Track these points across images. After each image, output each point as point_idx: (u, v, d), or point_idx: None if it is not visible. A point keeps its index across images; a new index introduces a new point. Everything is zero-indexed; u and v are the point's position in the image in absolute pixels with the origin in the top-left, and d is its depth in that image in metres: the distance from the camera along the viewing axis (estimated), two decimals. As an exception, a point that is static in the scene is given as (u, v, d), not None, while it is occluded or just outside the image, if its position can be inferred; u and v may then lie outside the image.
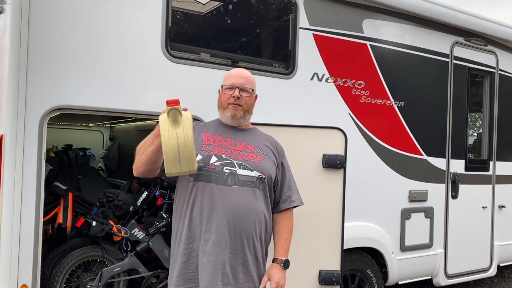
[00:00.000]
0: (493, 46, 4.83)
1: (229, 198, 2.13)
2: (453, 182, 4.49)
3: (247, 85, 2.33)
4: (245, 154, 2.25)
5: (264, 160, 2.29)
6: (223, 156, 2.20)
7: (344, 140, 3.32)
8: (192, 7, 3.28)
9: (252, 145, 2.32)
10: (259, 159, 2.27)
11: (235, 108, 2.29)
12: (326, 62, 3.68)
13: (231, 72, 2.39)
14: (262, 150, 2.33)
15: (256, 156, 2.27)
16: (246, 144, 2.31)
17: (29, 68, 2.64)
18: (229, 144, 2.27)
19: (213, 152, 2.21)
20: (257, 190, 2.21)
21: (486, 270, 4.83)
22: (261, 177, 2.23)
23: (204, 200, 2.15)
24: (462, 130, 4.60)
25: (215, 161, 2.17)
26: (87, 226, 3.54)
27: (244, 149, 2.27)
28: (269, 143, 2.42)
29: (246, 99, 2.31)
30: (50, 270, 3.42)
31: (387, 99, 4.03)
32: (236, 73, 2.35)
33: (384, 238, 3.98)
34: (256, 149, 2.31)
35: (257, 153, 2.30)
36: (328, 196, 3.28)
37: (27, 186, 2.63)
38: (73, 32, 2.77)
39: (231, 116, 2.30)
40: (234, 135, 2.34)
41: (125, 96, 2.92)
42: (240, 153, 2.25)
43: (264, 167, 2.26)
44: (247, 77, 2.36)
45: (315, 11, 3.62)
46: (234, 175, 2.16)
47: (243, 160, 2.22)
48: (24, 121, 2.62)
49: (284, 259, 2.29)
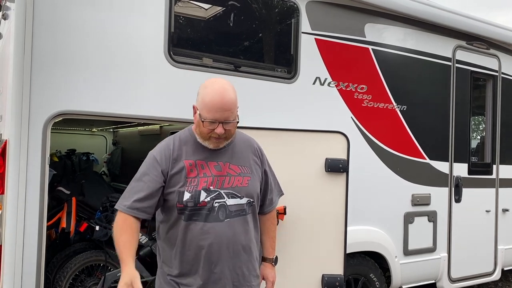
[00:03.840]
0: (495, 50, 4.82)
1: (224, 235, 2.04)
2: (456, 185, 4.48)
3: (231, 116, 2.03)
4: (231, 179, 2.11)
5: (251, 180, 2.17)
6: (211, 188, 2.05)
7: (347, 144, 3.32)
8: (194, 12, 3.30)
9: (236, 165, 2.15)
10: (246, 181, 2.14)
11: (218, 141, 2.08)
12: (328, 66, 3.68)
13: (213, 102, 1.99)
14: (247, 168, 2.19)
15: (242, 179, 2.13)
16: (230, 165, 2.14)
17: (33, 74, 2.66)
18: (214, 169, 2.09)
19: (200, 186, 2.03)
20: (248, 216, 2.15)
21: (490, 274, 4.81)
22: (250, 201, 2.15)
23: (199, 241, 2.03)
24: (465, 133, 4.59)
25: (204, 197, 2.03)
26: (90, 230, 3.55)
27: (229, 172, 2.12)
28: (252, 152, 2.25)
29: (230, 130, 2.07)
30: (54, 274, 3.43)
31: (390, 103, 4.03)
32: (219, 105, 1.98)
33: (387, 242, 3.97)
34: (241, 169, 2.15)
35: (243, 174, 2.15)
36: (331, 200, 3.28)
37: (31, 190, 2.64)
38: (76, 38, 2.79)
39: (213, 147, 2.10)
40: (216, 155, 2.13)
41: (128, 101, 2.93)
42: (226, 179, 2.10)
43: (251, 190, 2.16)
44: (231, 107, 2.01)
45: (317, 16, 3.63)
46: (224, 207, 2.05)
47: (231, 187, 2.09)
48: (28, 126, 2.64)
49: (274, 257, 2.41)
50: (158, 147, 2.13)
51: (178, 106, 3.08)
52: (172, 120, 3.15)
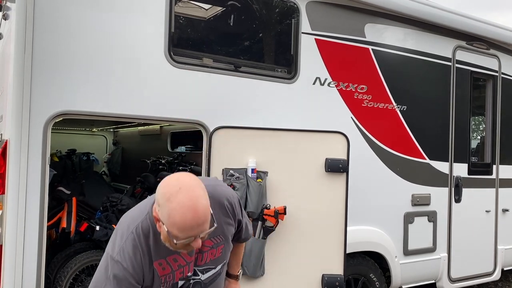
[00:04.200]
0: (495, 50, 4.83)
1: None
2: (456, 186, 4.48)
3: (207, 225, 1.62)
4: (204, 256, 1.95)
5: (224, 248, 2.02)
6: (189, 274, 1.91)
7: (347, 144, 3.33)
8: (194, 13, 3.31)
9: (209, 239, 1.90)
10: (219, 252, 2.00)
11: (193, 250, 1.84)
12: (328, 66, 3.69)
13: (185, 221, 1.55)
14: (220, 237, 1.99)
15: (215, 251, 1.98)
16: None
17: (34, 74, 2.66)
18: (187, 257, 1.88)
19: (177, 278, 1.88)
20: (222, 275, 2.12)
21: (490, 274, 4.81)
22: (224, 264, 2.07)
23: None
24: (465, 133, 4.59)
25: (182, 284, 1.90)
26: (90, 230, 3.55)
27: (202, 249, 1.91)
28: (224, 214, 1.98)
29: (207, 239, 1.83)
30: (54, 274, 3.43)
31: (390, 103, 4.03)
32: (193, 224, 1.56)
33: (387, 242, 3.97)
34: (214, 240, 1.95)
35: (216, 245, 1.97)
36: (331, 200, 3.29)
37: (31, 190, 2.65)
38: (77, 38, 2.79)
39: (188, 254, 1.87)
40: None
41: (128, 101, 2.94)
42: (199, 257, 1.93)
43: (225, 257, 2.05)
44: (207, 217, 1.60)
45: (317, 16, 3.63)
46: (200, 283, 1.97)
47: (204, 264, 1.96)
48: (29, 126, 2.64)
49: (239, 273, 2.36)
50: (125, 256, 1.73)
51: (178, 106, 3.08)
52: (172, 120, 3.15)
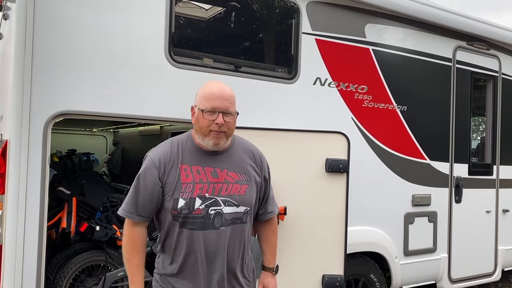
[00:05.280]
0: (495, 50, 4.83)
1: (219, 243, 2.02)
2: (456, 186, 4.48)
3: (231, 107, 2.01)
4: (229, 187, 2.06)
5: (249, 188, 2.12)
6: (207, 195, 2.01)
7: (347, 145, 3.33)
8: (195, 13, 3.31)
9: (234, 171, 2.09)
10: (243, 190, 2.09)
11: (218, 136, 2.00)
12: (329, 66, 3.69)
13: (212, 91, 2.00)
14: (245, 175, 2.12)
15: (240, 187, 2.08)
16: (228, 172, 2.08)
17: (34, 74, 2.66)
18: (210, 176, 2.04)
19: (195, 193, 1.99)
20: (244, 225, 2.11)
21: (490, 274, 4.81)
22: (247, 210, 2.10)
23: (192, 249, 2.02)
24: (465, 134, 4.59)
25: (199, 204, 1.98)
26: (90, 230, 3.55)
27: (227, 179, 2.06)
28: (251, 159, 2.18)
29: (230, 123, 2.02)
30: (54, 274, 3.43)
31: (390, 104, 4.03)
32: (219, 94, 1.99)
33: (387, 242, 3.97)
34: (239, 176, 2.10)
35: (241, 182, 2.09)
36: (331, 200, 3.28)
37: (32, 190, 2.65)
38: (77, 38, 2.79)
39: (213, 144, 2.02)
40: (214, 161, 2.07)
41: (128, 101, 2.94)
42: (224, 186, 2.05)
43: (248, 199, 2.10)
44: (231, 98, 2.02)
45: (318, 16, 3.63)
46: (220, 215, 2.02)
47: (228, 195, 2.04)
48: (29, 127, 2.64)
49: (275, 266, 2.32)
50: (156, 150, 2.09)
51: (178, 106, 3.08)
52: (173, 121, 3.15)
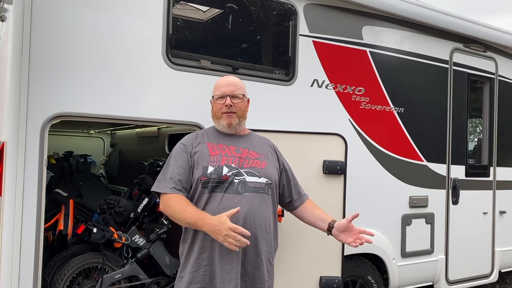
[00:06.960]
0: (492, 52, 4.85)
1: (242, 205, 2.19)
2: (453, 188, 4.49)
3: (237, 91, 2.38)
4: (250, 161, 2.32)
5: (268, 165, 2.37)
6: (232, 165, 2.26)
7: (344, 146, 3.33)
8: (192, 15, 3.31)
9: (254, 151, 2.38)
10: (263, 165, 2.34)
11: (229, 116, 2.35)
12: (326, 68, 3.69)
13: (220, 82, 2.42)
14: (265, 155, 2.40)
15: (260, 162, 2.34)
16: (249, 151, 2.37)
17: (31, 76, 2.66)
18: (234, 152, 2.33)
19: (222, 162, 2.26)
20: (266, 196, 2.30)
21: (487, 276, 4.82)
22: (269, 183, 2.32)
23: (219, 210, 2.16)
24: (462, 135, 4.61)
25: (226, 171, 2.23)
26: (88, 233, 3.54)
27: (248, 156, 2.34)
28: (269, 146, 2.50)
29: (238, 105, 2.37)
30: (51, 277, 3.42)
31: (387, 105, 4.04)
32: (225, 82, 2.40)
33: (385, 244, 3.97)
34: (259, 155, 2.38)
35: (261, 159, 2.36)
36: (329, 202, 3.28)
37: (28, 192, 2.64)
38: (74, 39, 2.79)
39: (227, 125, 2.35)
40: (236, 142, 2.39)
41: (126, 103, 2.93)
42: (246, 161, 2.31)
43: (270, 173, 2.34)
44: (236, 83, 2.41)
45: (315, 18, 3.64)
46: (244, 183, 2.24)
47: (250, 167, 2.29)
48: (26, 128, 2.64)
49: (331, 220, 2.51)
50: (183, 138, 2.42)
51: (176, 108, 3.08)
52: (170, 122, 3.15)
